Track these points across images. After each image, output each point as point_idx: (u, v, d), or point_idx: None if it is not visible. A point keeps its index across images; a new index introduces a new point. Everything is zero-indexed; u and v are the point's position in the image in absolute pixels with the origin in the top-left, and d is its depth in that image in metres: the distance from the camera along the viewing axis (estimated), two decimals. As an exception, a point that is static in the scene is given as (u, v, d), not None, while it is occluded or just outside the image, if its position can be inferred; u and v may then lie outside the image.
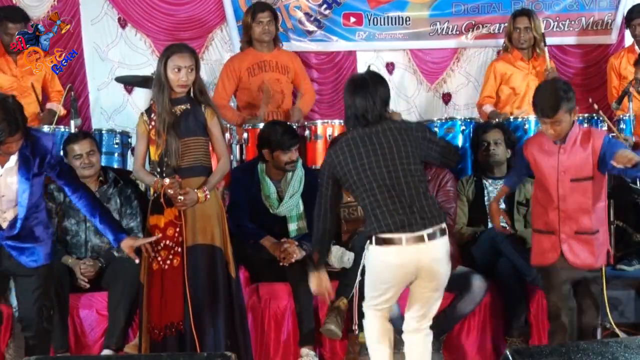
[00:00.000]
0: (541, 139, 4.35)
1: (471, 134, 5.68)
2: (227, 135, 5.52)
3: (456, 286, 4.81)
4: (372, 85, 3.93)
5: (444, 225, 3.88)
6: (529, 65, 6.38)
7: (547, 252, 4.27)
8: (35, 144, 4.07)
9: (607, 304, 4.49)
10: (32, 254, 4.18)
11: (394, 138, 3.87)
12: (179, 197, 4.26)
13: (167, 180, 4.25)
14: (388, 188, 3.84)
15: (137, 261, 4.28)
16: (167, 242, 4.33)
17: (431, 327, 4.76)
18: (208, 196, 4.33)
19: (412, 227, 3.81)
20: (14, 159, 4.06)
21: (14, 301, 4.67)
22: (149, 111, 4.43)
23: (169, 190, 4.26)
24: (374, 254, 3.90)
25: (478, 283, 4.77)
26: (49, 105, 6.25)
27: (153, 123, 4.36)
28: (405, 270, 3.88)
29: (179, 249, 4.32)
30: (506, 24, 6.54)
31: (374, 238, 3.88)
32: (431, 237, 3.83)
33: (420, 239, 3.82)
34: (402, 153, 3.85)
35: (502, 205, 5.21)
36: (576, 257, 4.22)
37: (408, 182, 3.84)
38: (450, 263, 3.95)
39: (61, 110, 5.99)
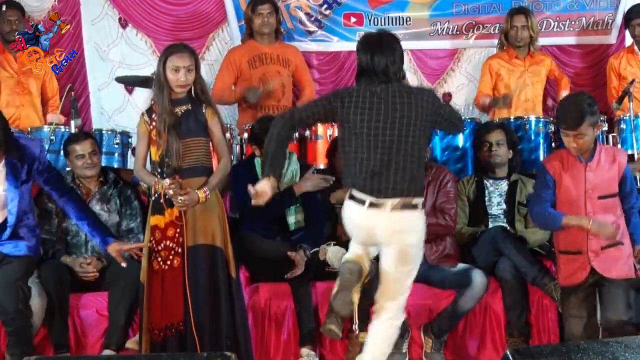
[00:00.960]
0: (562, 156, 4.33)
1: (473, 134, 5.68)
2: (227, 135, 5.52)
3: (457, 283, 4.82)
4: (391, 43, 3.97)
5: (415, 200, 3.85)
6: (524, 63, 6.38)
7: (577, 272, 4.25)
8: (22, 151, 4.03)
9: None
10: (17, 246, 4.22)
11: (408, 102, 3.86)
12: (180, 197, 4.26)
13: (167, 181, 4.25)
14: (377, 150, 3.83)
15: (123, 264, 4.27)
16: (168, 242, 4.32)
17: (433, 328, 4.79)
18: (208, 196, 4.32)
19: (380, 193, 3.81)
20: (1, 166, 4.02)
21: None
22: (149, 111, 4.43)
23: (169, 191, 4.25)
24: (345, 205, 3.97)
25: (478, 278, 4.77)
26: (49, 117, 6.26)
27: (154, 123, 4.35)
28: (365, 231, 3.90)
29: (180, 250, 4.31)
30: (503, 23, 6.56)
31: (348, 191, 3.95)
32: (395, 208, 3.81)
33: (382, 207, 3.82)
34: (408, 119, 3.84)
35: (503, 206, 5.22)
36: (609, 271, 4.21)
37: (399, 149, 3.82)
38: (418, 238, 3.90)
39: (61, 120, 6.00)
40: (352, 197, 3.91)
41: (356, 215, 3.90)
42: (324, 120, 4.21)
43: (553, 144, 5.73)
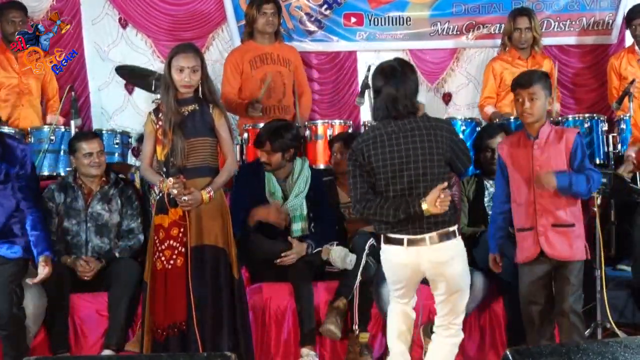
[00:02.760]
0: (512, 138, 4.48)
1: (475, 134, 5.67)
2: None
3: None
4: (403, 74, 3.92)
5: (452, 228, 3.89)
6: (527, 64, 6.38)
7: (530, 248, 4.34)
8: (6, 151, 4.05)
9: (607, 304, 4.49)
10: (12, 247, 4.27)
11: (424, 138, 3.85)
12: (183, 197, 4.26)
13: (171, 180, 4.26)
14: (404, 190, 3.85)
15: (31, 282, 4.38)
16: (171, 242, 4.33)
17: (433, 328, 4.77)
18: (212, 197, 4.33)
19: (416, 229, 3.84)
20: None
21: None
22: (156, 111, 4.45)
23: (173, 190, 4.26)
24: (383, 251, 3.99)
25: (479, 281, 4.78)
26: (48, 119, 6.27)
27: (160, 123, 4.36)
28: (409, 270, 3.93)
29: (183, 249, 4.32)
30: (505, 24, 6.55)
31: (382, 236, 3.95)
32: (433, 240, 3.84)
33: (422, 242, 3.85)
34: (429, 156, 3.84)
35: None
36: (553, 249, 4.28)
37: (427, 186, 3.83)
38: (462, 264, 3.95)
39: (60, 121, 6.00)
40: (388, 240, 3.93)
41: (397, 256, 3.92)
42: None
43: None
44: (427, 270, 3.91)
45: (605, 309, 4.54)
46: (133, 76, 6.38)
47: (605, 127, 5.86)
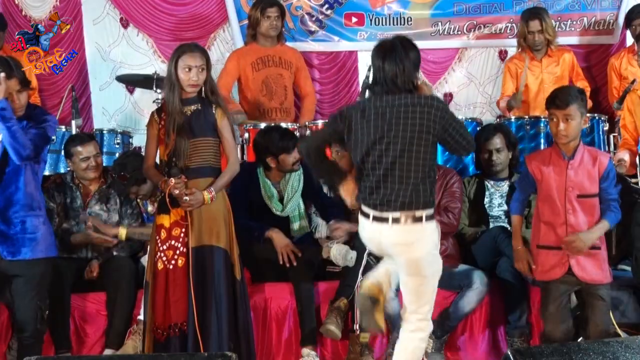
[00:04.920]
0: (544, 154, 4.42)
1: (474, 136, 5.67)
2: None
3: (458, 284, 4.83)
4: (403, 50, 3.85)
5: (421, 212, 3.76)
6: (541, 64, 6.37)
7: (555, 268, 4.30)
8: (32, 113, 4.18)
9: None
10: (30, 245, 4.16)
11: (412, 116, 3.74)
12: (185, 197, 4.26)
13: (173, 180, 4.26)
14: (381, 164, 3.76)
15: None
16: (173, 242, 4.32)
17: (433, 328, 4.78)
18: (214, 197, 4.33)
19: (383, 206, 3.75)
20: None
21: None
22: (159, 111, 4.44)
23: (175, 190, 4.25)
24: (359, 220, 3.94)
25: (480, 280, 4.78)
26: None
27: (163, 122, 4.36)
28: (373, 245, 3.90)
29: (185, 250, 4.31)
30: (514, 24, 6.55)
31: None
32: (396, 221, 3.74)
33: (384, 220, 3.76)
34: (412, 132, 3.73)
35: (504, 207, 5.21)
36: (584, 272, 4.26)
37: (402, 163, 3.74)
38: (426, 249, 3.82)
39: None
40: (361, 212, 3.90)
41: (364, 229, 3.89)
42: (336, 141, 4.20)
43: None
44: (387, 248, 3.83)
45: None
46: (133, 83, 6.41)
47: (606, 127, 5.87)
